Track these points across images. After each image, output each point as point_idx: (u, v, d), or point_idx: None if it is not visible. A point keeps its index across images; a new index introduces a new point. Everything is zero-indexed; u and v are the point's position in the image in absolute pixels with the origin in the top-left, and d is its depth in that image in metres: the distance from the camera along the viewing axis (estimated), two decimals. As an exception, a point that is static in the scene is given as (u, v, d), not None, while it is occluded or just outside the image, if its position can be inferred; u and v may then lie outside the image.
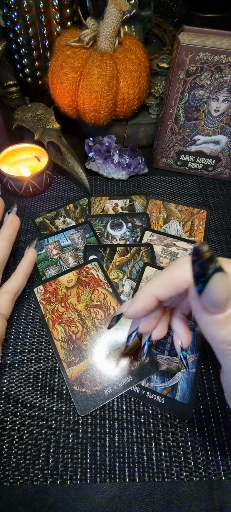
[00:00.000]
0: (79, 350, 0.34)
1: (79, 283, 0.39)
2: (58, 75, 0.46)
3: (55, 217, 0.46)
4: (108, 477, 0.28)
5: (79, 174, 0.48)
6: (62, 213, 0.47)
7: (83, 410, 0.31)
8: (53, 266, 0.41)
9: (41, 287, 0.38)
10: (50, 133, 0.50)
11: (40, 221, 0.46)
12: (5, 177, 0.45)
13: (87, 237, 0.44)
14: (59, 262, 0.41)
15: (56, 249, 0.42)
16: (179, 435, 0.30)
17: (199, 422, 0.30)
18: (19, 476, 0.28)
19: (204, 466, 0.28)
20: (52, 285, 0.38)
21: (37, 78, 0.58)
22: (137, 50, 0.48)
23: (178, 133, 0.48)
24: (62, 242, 0.43)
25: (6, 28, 0.53)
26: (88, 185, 0.48)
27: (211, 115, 0.45)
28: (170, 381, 0.32)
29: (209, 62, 0.40)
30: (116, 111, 0.49)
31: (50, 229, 0.45)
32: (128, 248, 0.43)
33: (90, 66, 0.44)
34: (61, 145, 0.48)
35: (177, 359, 0.34)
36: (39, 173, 0.46)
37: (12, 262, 0.41)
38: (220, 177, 0.52)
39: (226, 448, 0.29)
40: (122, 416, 0.31)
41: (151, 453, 0.29)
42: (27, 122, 0.51)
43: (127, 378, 0.32)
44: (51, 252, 0.42)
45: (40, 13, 0.50)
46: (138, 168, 0.51)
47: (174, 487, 0.28)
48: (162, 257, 0.42)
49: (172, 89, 0.43)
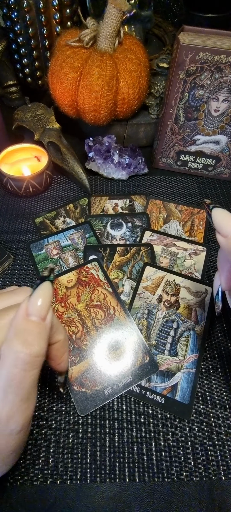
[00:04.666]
0: (79, 350, 0.34)
1: (79, 283, 0.39)
2: (58, 75, 0.46)
3: (55, 217, 0.46)
4: (108, 477, 0.28)
5: (79, 174, 0.48)
6: (62, 213, 0.47)
7: (83, 410, 0.31)
8: (53, 266, 0.41)
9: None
10: (50, 133, 0.50)
11: (40, 221, 0.46)
12: (5, 177, 0.45)
13: (87, 237, 0.44)
14: (59, 262, 0.41)
15: (56, 249, 0.42)
16: (179, 435, 0.30)
17: (199, 422, 0.30)
18: (19, 476, 0.28)
19: (204, 466, 0.28)
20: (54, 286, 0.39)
21: (37, 78, 0.58)
22: (137, 50, 0.48)
23: (178, 133, 0.48)
24: (62, 242, 0.43)
25: (6, 28, 0.53)
26: (88, 185, 0.48)
27: (211, 115, 0.45)
28: (170, 381, 0.32)
29: (209, 62, 0.40)
30: (116, 111, 0.49)
31: (50, 229, 0.45)
32: (128, 248, 0.43)
33: (90, 66, 0.44)
34: (61, 145, 0.48)
35: (177, 359, 0.34)
36: (39, 173, 0.46)
37: (12, 262, 0.41)
38: (220, 177, 0.52)
39: (226, 448, 0.29)
40: (122, 416, 0.31)
41: (151, 453, 0.29)
42: (27, 122, 0.51)
43: (127, 378, 0.32)
44: (51, 252, 0.42)
45: (40, 13, 0.50)
46: (138, 168, 0.51)
47: (174, 487, 0.28)
48: (162, 257, 0.42)
49: (172, 89, 0.43)
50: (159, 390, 0.32)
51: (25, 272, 0.40)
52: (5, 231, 0.45)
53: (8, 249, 0.43)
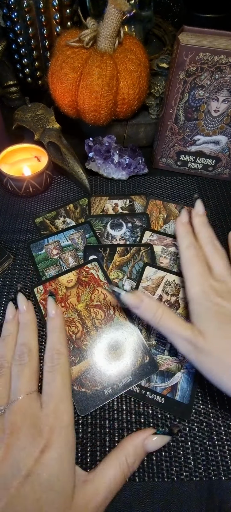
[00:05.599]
0: (79, 350, 0.34)
1: (79, 283, 0.39)
2: (58, 75, 0.46)
3: (55, 217, 0.46)
4: (108, 477, 0.28)
5: (79, 174, 0.48)
6: (62, 213, 0.47)
7: (83, 410, 0.31)
8: (53, 266, 0.41)
9: (41, 287, 0.38)
10: (50, 133, 0.50)
11: (40, 221, 0.46)
12: (5, 177, 0.45)
13: (87, 237, 0.44)
14: (59, 262, 0.41)
15: (56, 249, 0.42)
16: (179, 435, 0.30)
17: (199, 422, 0.31)
18: (19, 476, 0.28)
19: (203, 466, 0.28)
20: (52, 285, 0.39)
21: (37, 78, 0.58)
22: (137, 50, 0.48)
23: (178, 133, 0.48)
24: (62, 242, 0.43)
25: (6, 28, 0.53)
26: (88, 185, 0.48)
27: (211, 115, 0.45)
28: (170, 381, 0.32)
29: (209, 62, 0.40)
30: (116, 111, 0.49)
31: (50, 229, 0.45)
32: (128, 248, 0.43)
33: (90, 66, 0.44)
34: (61, 145, 0.48)
35: (177, 359, 0.34)
36: (39, 173, 0.46)
37: (12, 262, 0.41)
38: (220, 177, 0.52)
39: (226, 448, 0.29)
40: (122, 416, 0.31)
41: (151, 453, 0.29)
42: (27, 122, 0.51)
43: (127, 378, 0.32)
44: (51, 252, 0.42)
45: (40, 13, 0.50)
46: (138, 168, 0.51)
47: (173, 487, 0.28)
48: (162, 257, 0.42)
49: (172, 89, 0.43)
50: (158, 390, 0.32)
51: (25, 272, 0.40)
52: (5, 231, 0.45)
53: (8, 249, 0.43)
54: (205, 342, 0.28)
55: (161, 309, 0.30)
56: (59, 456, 0.23)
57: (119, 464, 0.25)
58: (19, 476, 0.22)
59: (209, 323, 0.28)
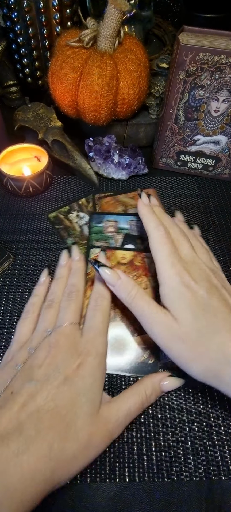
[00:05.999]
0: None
1: (131, 264, 0.40)
2: (58, 75, 0.46)
3: (68, 211, 0.47)
4: (108, 477, 0.28)
5: (87, 170, 0.49)
6: (76, 208, 0.48)
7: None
8: (103, 241, 0.43)
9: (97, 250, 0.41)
10: (54, 132, 0.50)
11: (54, 216, 0.47)
12: (5, 177, 0.45)
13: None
14: (110, 240, 0.43)
15: (113, 228, 0.44)
16: (178, 435, 0.30)
17: (199, 422, 0.31)
18: (19, 476, 0.28)
19: (203, 466, 0.28)
20: (108, 254, 0.41)
21: (37, 78, 0.58)
22: (137, 50, 0.48)
23: (178, 133, 0.48)
24: (120, 224, 0.45)
25: (6, 28, 0.53)
26: (96, 180, 0.49)
27: (211, 115, 0.45)
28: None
29: (209, 62, 0.40)
30: (116, 111, 0.49)
31: (64, 223, 0.46)
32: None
33: (90, 66, 0.44)
34: (67, 143, 0.48)
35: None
36: (39, 173, 0.46)
37: (12, 262, 0.41)
38: (220, 177, 0.52)
39: (226, 448, 0.29)
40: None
41: (151, 453, 0.29)
42: (30, 122, 0.51)
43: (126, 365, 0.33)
44: (107, 229, 0.44)
45: (40, 13, 0.50)
46: (138, 168, 0.51)
47: (173, 487, 0.28)
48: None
49: (172, 89, 0.43)
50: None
51: (25, 272, 0.40)
52: (5, 231, 0.45)
53: (8, 249, 0.43)
54: (179, 329, 0.28)
55: (136, 289, 0.31)
56: (92, 373, 0.28)
57: (138, 393, 0.29)
58: (59, 377, 0.27)
59: (184, 312, 0.29)
